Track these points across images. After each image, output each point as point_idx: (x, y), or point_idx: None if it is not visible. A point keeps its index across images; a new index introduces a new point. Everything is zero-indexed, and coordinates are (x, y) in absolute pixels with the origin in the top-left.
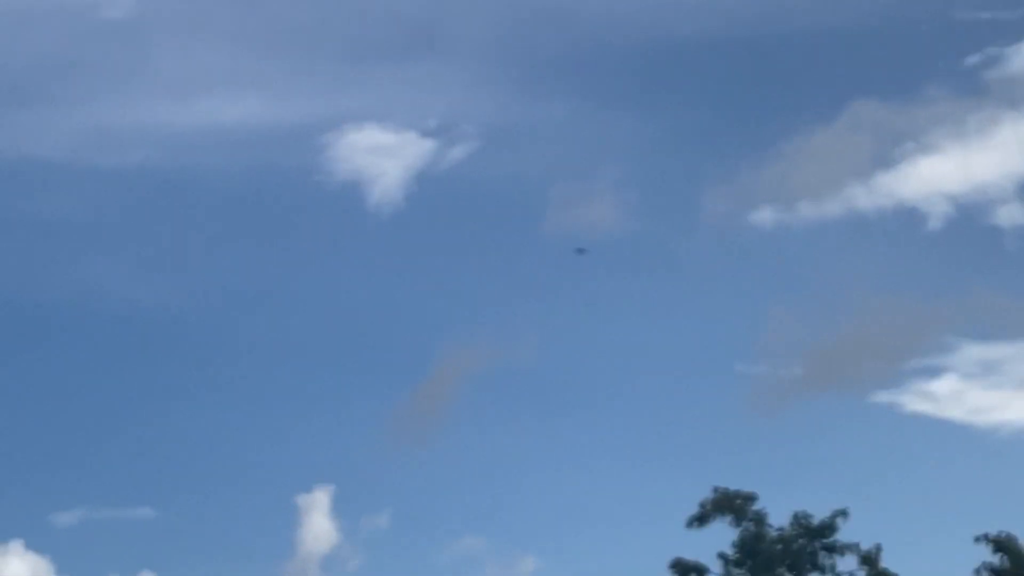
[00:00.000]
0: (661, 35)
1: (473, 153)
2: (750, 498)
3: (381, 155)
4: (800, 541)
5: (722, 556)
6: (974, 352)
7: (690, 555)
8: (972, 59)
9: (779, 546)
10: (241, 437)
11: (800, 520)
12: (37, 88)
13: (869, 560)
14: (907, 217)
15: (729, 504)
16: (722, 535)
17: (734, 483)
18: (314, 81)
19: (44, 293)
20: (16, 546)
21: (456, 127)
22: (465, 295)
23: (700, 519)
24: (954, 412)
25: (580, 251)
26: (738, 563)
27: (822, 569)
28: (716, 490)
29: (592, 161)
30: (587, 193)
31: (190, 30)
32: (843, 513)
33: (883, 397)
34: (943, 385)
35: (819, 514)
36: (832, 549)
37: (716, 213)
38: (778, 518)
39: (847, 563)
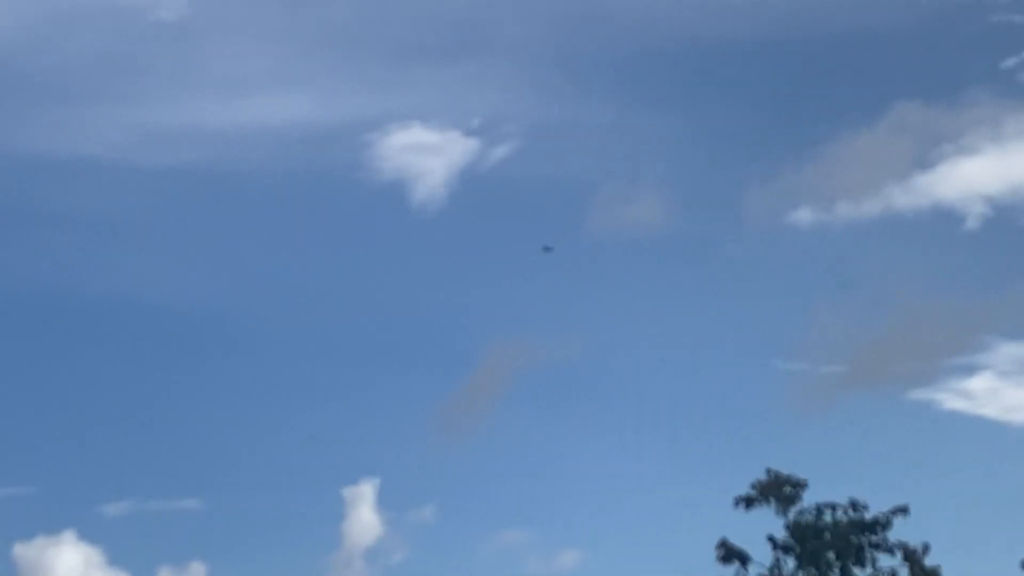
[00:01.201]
0: (703, 36)
1: (516, 152)
2: (800, 484)
3: (425, 154)
4: (852, 533)
5: (771, 539)
6: (1010, 351)
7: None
8: (1010, 62)
9: (828, 534)
10: (288, 430)
11: (856, 506)
12: (89, 88)
13: (912, 558)
14: (945, 217)
15: (778, 489)
16: (765, 524)
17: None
18: (359, 81)
19: (93, 289)
20: (69, 536)
21: (499, 126)
22: (509, 292)
23: (748, 501)
24: (989, 410)
25: (547, 249)
26: (787, 548)
27: (863, 563)
28: (769, 472)
29: (634, 160)
30: (629, 192)
31: (239, 31)
32: (903, 510)
33: (919, 395)
34: (979, 383)
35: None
36: (880, 546)
37: (757, 212)
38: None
39: (888, 559)
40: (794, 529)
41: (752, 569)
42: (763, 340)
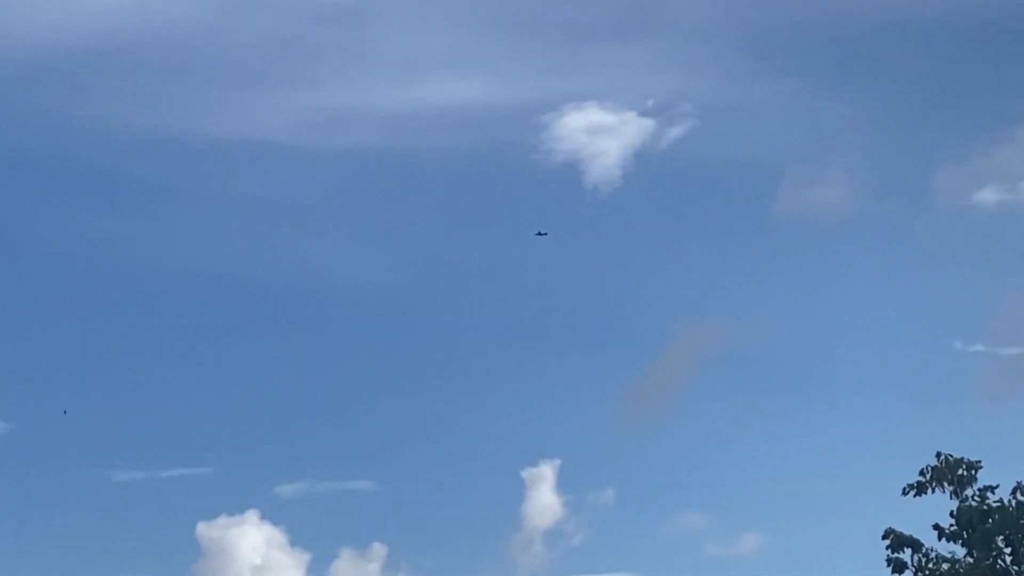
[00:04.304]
0: (888, 13)
1: (692, 132)
2: (974, 467)
3: (600, 134)
4: (1022, 518)
5: (937, 527)
6: None
7: (910, 530)
8: None
9: (994, 518)
10: (468, 412)
11: (1021, 490)
12: (263, 71)
13: None
14: None
15: (951, 472)
16: (942, 506)
17: None
18: (534, 61)
19: (270, 272)
20: (251, 516)
21: (675, 106)
22: (688, 275)
23: (919, 487)
24: None
25: (540, 234)
26: (953, 536)
27: None
28: (939, 456)
29: (812, 140)
30: (809, 172)
31: (412, 12)
32: None
33: None
34: None
35: None
36: None
37: (943, 193)
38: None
39: None
40: (960, 515)
41: (923, 555)
42: (946, 321)
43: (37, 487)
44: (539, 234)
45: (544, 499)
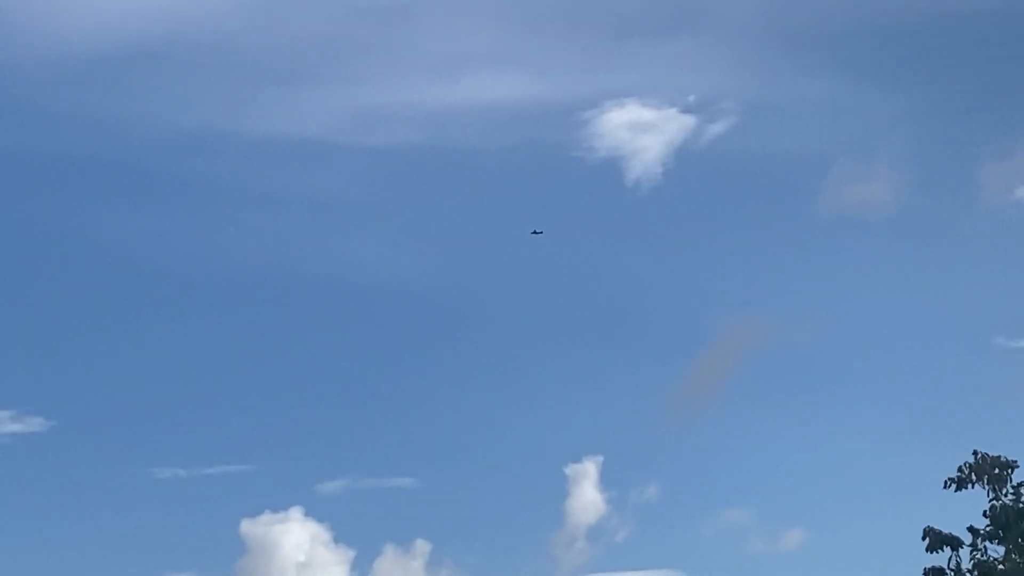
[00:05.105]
0: (931, 8)
1: (733, 129)
2: (1010, 466)
3: (641, 131)
4: None
5: (971, 530)
6: None
7: (950, 527)
8: None
9: None
10: (511, 408)
11: None
12: (305, 68)
13: None
14: None
15: (988, 470)
16: (983, 503)
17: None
18: (576, 59)
19: (312, 270)
20: (295, 513)
21: (717, 103)
22: (730, 272)
23: (958, 483)
24: None
25: (536, 233)
26: (990, 536)
27: None
28: (976, 454)
29: (855, 137)
30: (852, 169)
31: (454, 10)
32: None
33: None
34: None
35: None
36: None
37: (987, 189)
38: None
39: None
40: (996, 514)
41: (963, 553)
42: (988, 318)
43: (80, 485)
44: (534, 232)
45: (587, 495)
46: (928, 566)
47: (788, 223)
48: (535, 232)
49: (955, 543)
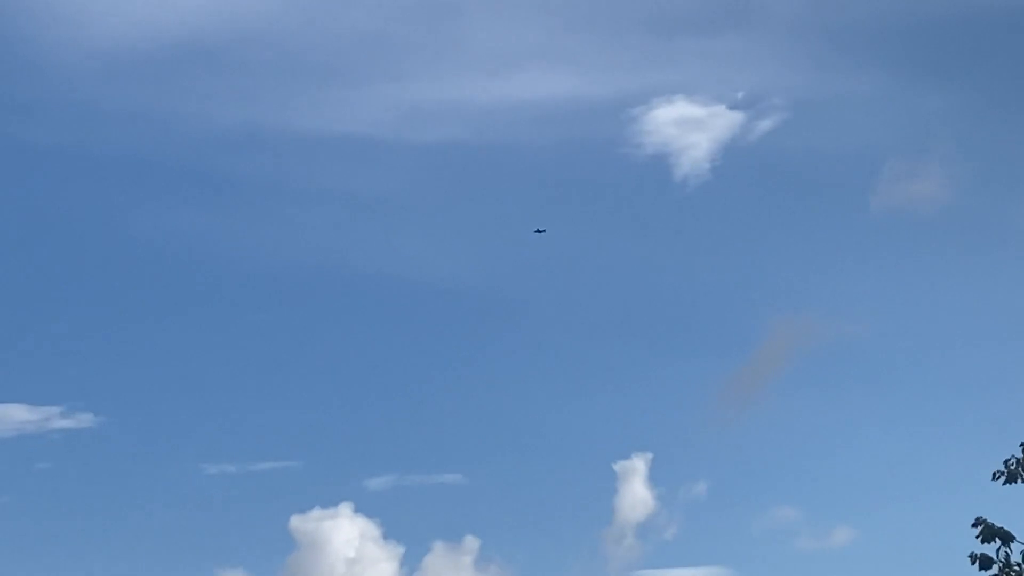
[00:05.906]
0: (981, 2)
1: (782, 125)
2: None
3: (689, 128)
4: None
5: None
6: None
7: (999, 521)
8: None
9: None
10: (560, 405)
11: None
12: (354, 66)
13: None
14: None
15: None
16: None
17: None
18: (623, 55)
19: (361, 267)
20: (345, 509)
21: (765, 99)
22: (780, 269)
23: (1009, 475)
24: None
25: (539, 231)
26: None
27: None
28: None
29: (906, 133)
30: (903, 165)
31: (502, 8)
32: None
33: None
34: None
35: None
36: None
37: None
38: None
39: None
40: None
41: (1016, 547)
42: None
43: (129, 481)
44: (537, 231)
45: (636, 492)
46: (976, 552)
47: (838, 220)
48: (538, 231)
49: (1007, 537)
